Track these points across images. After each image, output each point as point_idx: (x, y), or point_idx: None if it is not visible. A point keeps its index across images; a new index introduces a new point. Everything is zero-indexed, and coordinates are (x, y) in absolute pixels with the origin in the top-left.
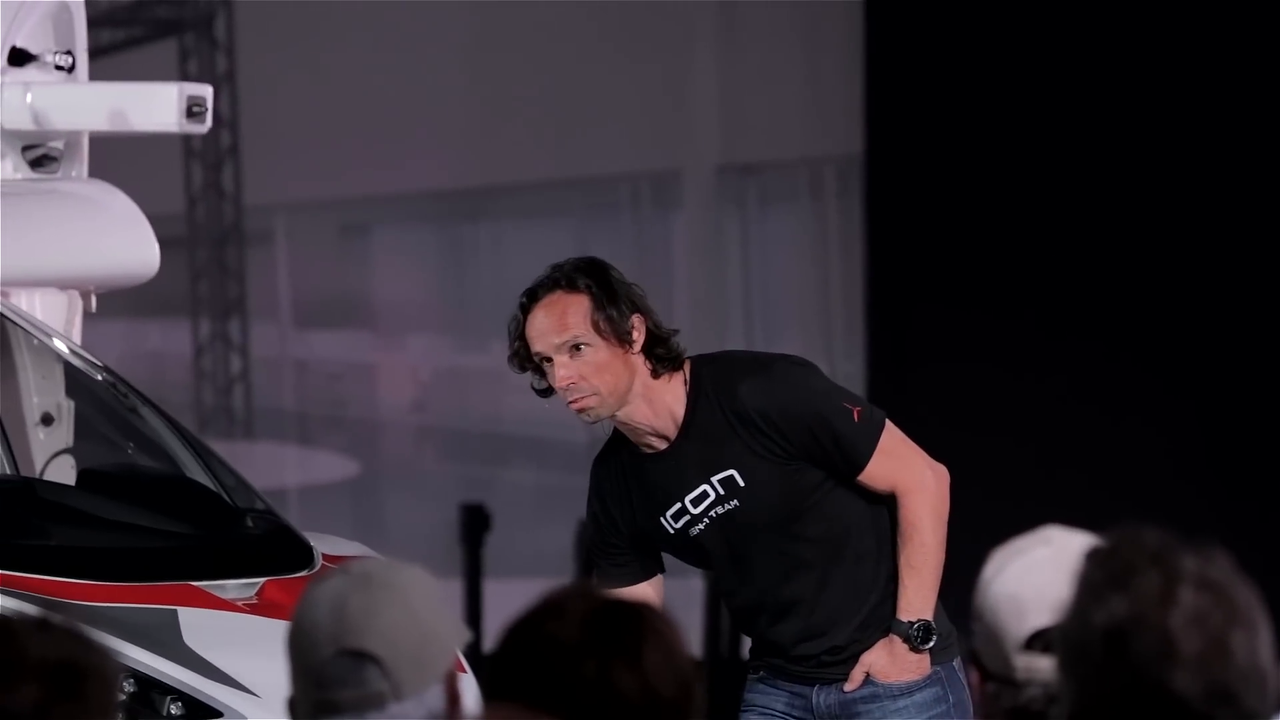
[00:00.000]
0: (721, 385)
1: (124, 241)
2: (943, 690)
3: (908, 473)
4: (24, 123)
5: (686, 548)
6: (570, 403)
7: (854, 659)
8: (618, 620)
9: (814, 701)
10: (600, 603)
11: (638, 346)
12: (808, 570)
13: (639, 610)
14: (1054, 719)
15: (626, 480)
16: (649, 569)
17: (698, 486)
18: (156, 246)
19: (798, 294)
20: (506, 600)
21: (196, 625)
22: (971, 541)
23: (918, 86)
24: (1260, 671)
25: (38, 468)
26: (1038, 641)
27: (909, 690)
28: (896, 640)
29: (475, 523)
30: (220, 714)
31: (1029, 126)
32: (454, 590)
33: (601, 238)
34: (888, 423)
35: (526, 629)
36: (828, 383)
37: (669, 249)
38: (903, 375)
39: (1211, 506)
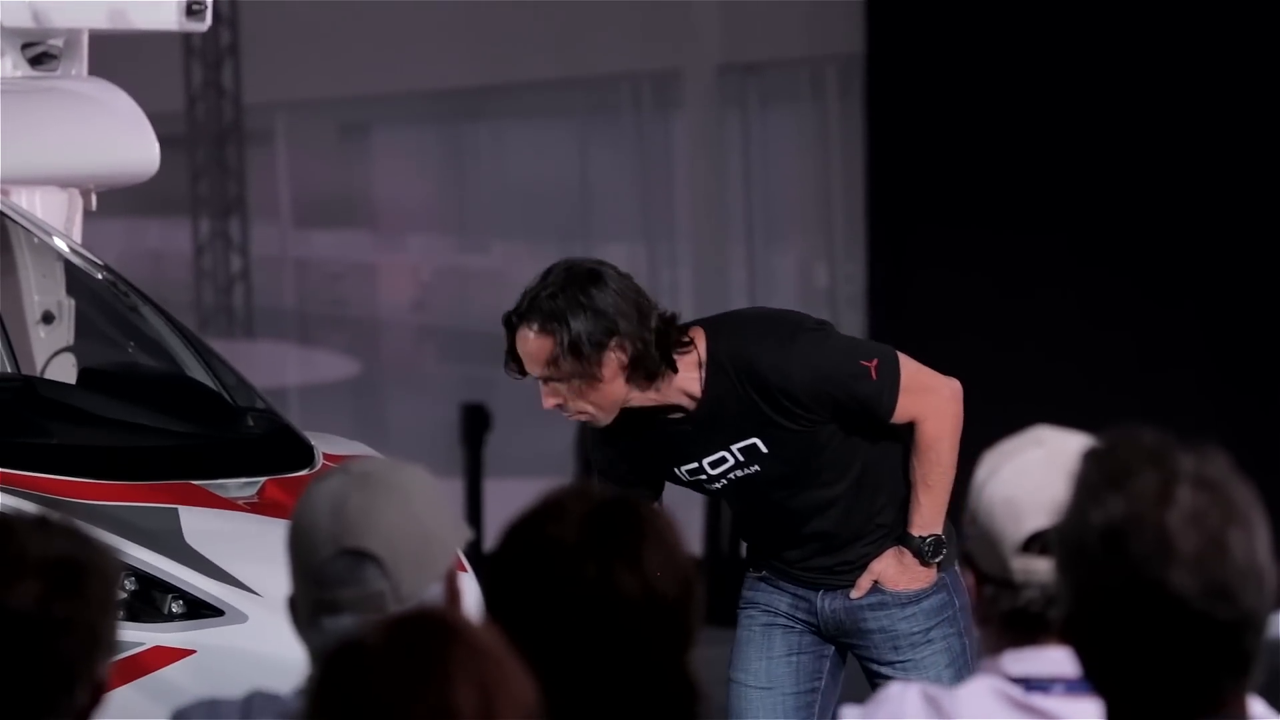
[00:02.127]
0: (740, 362)
1: (124, 140)
2: (948, 596)
3: (926, 403)
4: (24, 20)
5: (698, 490)
6: (572, 415)
7: (862, 568)
8: (617, 521)
9: (818, 605)
10: (600, 503)
11: (613, 376)
12: (825, 509)
13: (638, 510)
14: (1052, 620)
15: (640, 425)
16: (648, 496)
17: (717, 452)
18: (156, 145)
19: (798, 193)
20: (507, 500)
21: (198, 524)
22: (968, 445)
23: None
24: (1258, 569)
25: (38, 366)
26: (1035, 543)
27: (916, 598)
28: (906, 551)
29: (476, 422)
30: (221, 612)
31: (1031, 28)
32: (454, 490)
33: (602, 137)
34: (900, 361)
35: (526, 530)
36: (842, 343)
37: (670, 148)
38: (903, 274)
39: (1210, 408)
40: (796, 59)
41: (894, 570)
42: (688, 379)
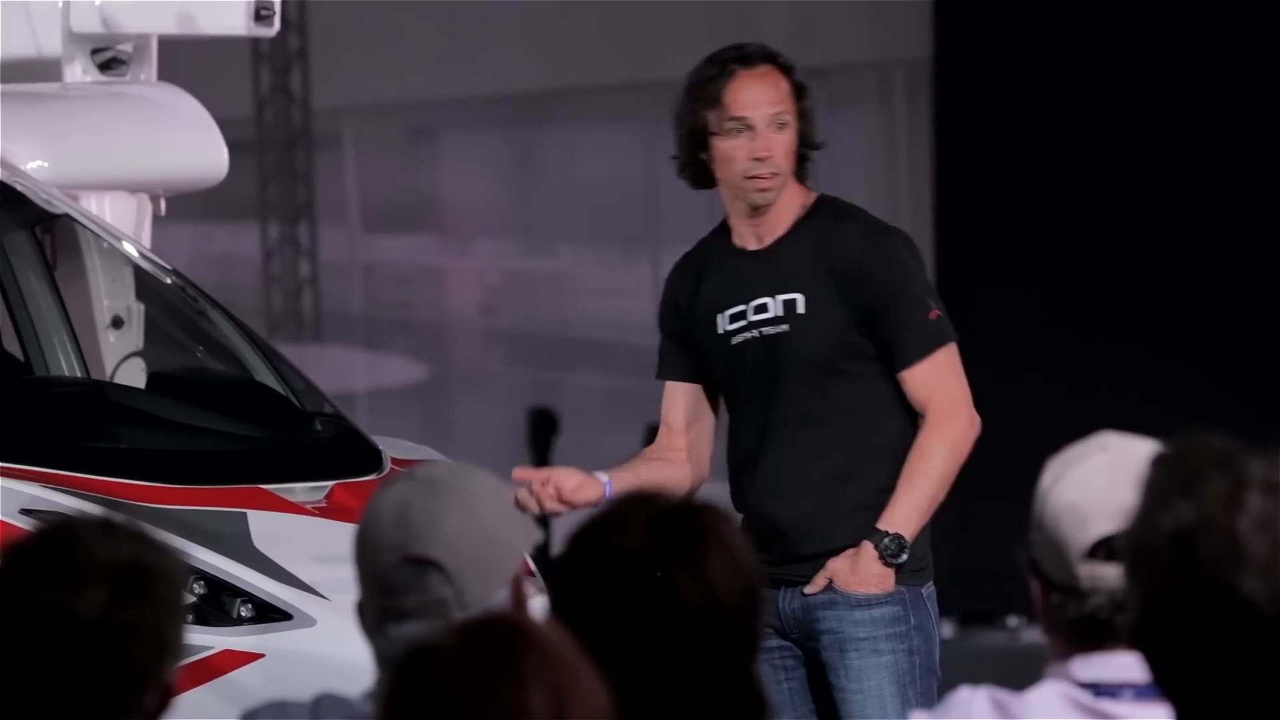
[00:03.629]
0: (832, 219)
1: (193, 145)
2: (903, 611)
3: (944, 396)
4: (93, 26)
5: (725, 356)
6: (753, 177)
7: (816, 560)
8: (681, 528)
9: (781, 606)
10: (663, 511)
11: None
12: (814, 428)
13: (702, 517)
14: (1120, 627)
15: (706, 268)
16: (697, 373)
17: (762, 297)
18: (225, 150)
19: (865, 197)
20: None
21: (266, 528)
22: (1027, 456)
23: None
24: None
25: (108, 371)
26: (1101, 549)
27: (867, 603)
28: (864, 551)
29: (543, 426)
30: (290, 616)
31: (1102, 32)
32: None
33: (669, 141)
34: (954, 346)
35: (591, 538)
36: (924, 276)
37: None
38: (970, 277)
39: (1265, 422)
40: (864, 63)
41: (846, 570)
42: (789, 209)
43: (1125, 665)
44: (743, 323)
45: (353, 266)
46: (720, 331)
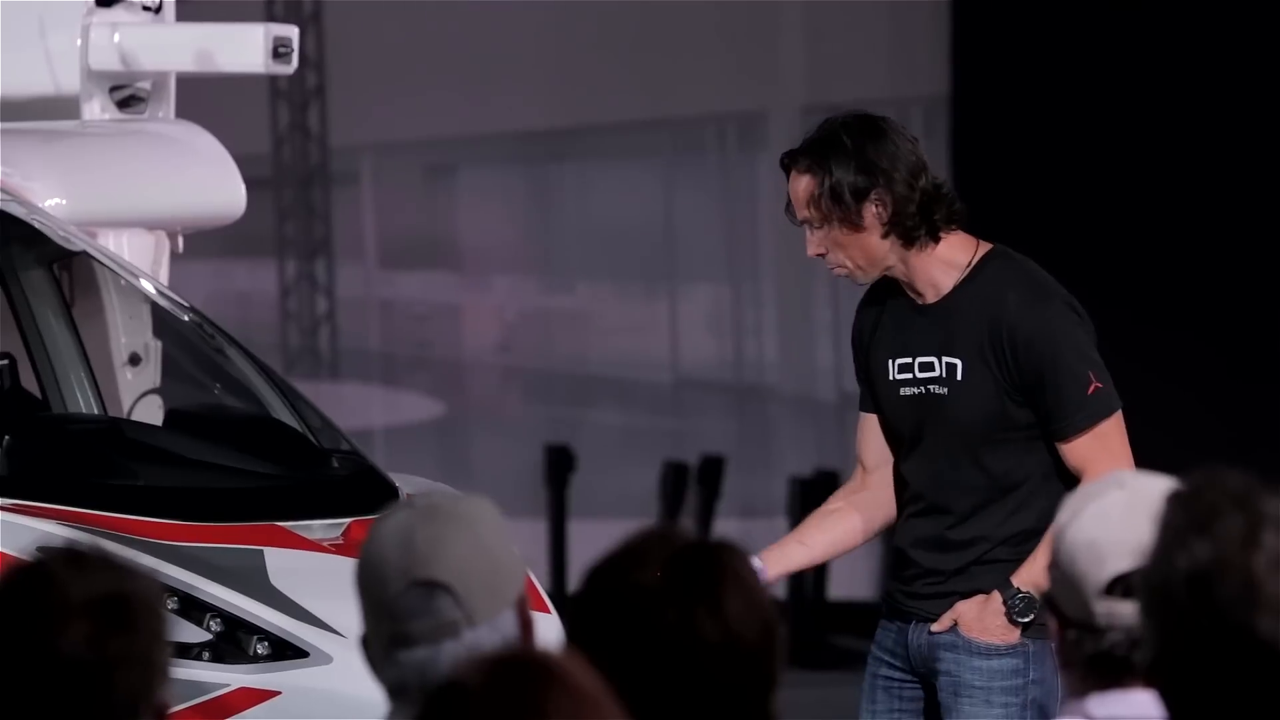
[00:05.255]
0: (996, 285)
1: (210, 182)
2: (1023, 664)
3: (1101, 464)
4: (111, 63)
5: (892, 403)
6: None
7: (949, 599)
8: (698, 566)
9: (909, 639)
10: (681, 548)
11: (871, 229)
12: (966, 495)
13: (719, 554)
14: (1136, 664)
15: (887, 308)
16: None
17: (929, 355)
18: (243, 187)
19: None
20: (591, 541)
21: (282, 565)
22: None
23: (1004, 26)
24: None
25: (125, 408)
26: (1117, 586)
27: (987, 653)
28: (993, 600)
29: (560, 463)
30: (306, 653)
31: (1116, 67)
32: (539, 531)
33: (687, 178)
34: (1117, 416)
35: (608, 575)
36: (1087, 347)
37: (755, 190)
38: None
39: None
40: (881, 100)
41: (971, 615)
42: (943, 272)
43: (1141, 703)
44: (909, 375)
45: (370, 303)
46: (890, 379)
